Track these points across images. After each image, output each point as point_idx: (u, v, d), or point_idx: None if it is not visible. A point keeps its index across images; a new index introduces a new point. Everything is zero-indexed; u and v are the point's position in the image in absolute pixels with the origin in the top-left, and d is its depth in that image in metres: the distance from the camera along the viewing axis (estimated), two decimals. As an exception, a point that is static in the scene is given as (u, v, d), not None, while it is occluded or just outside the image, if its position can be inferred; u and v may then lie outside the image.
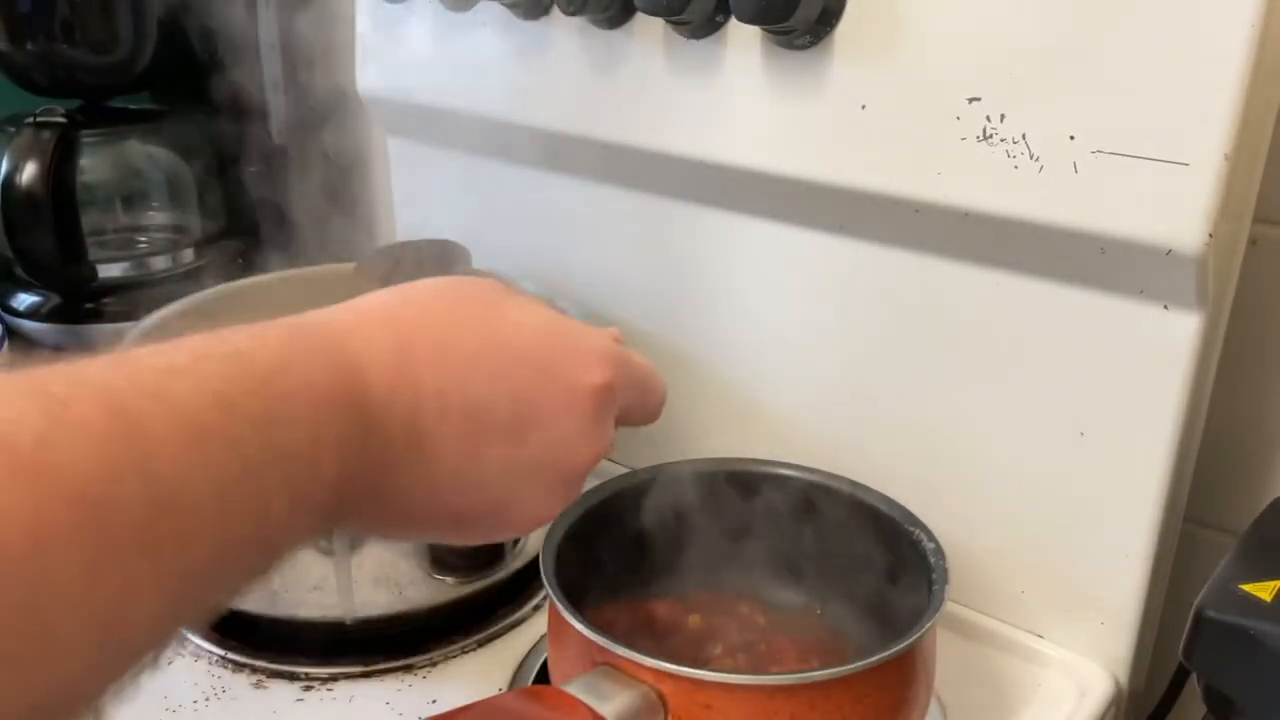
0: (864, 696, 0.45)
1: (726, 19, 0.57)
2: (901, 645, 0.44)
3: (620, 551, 0.53)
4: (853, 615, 0.55)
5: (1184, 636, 0.45)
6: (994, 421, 0.57)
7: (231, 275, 0.72)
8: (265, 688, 0.55)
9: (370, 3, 0.75)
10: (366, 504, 0.33)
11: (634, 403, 0.43)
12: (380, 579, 0.56)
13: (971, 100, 0.50)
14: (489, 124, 0.71)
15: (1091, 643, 0.57)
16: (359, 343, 0.34)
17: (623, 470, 0.56)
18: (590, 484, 0.56)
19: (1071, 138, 0.48)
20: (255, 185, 0.98)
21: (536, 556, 0.50)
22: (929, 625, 0.46)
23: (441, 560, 0.57)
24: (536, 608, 0.60)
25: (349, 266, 0.70)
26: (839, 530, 0.54)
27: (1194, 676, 0.47)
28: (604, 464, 0.73)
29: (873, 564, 0.54)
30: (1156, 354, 0.51)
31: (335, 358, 0.33)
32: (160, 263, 0.96)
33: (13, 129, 0.85)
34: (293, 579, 0.55)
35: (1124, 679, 0.57)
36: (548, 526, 0.52)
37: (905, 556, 0.52)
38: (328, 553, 0.55)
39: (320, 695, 0.55)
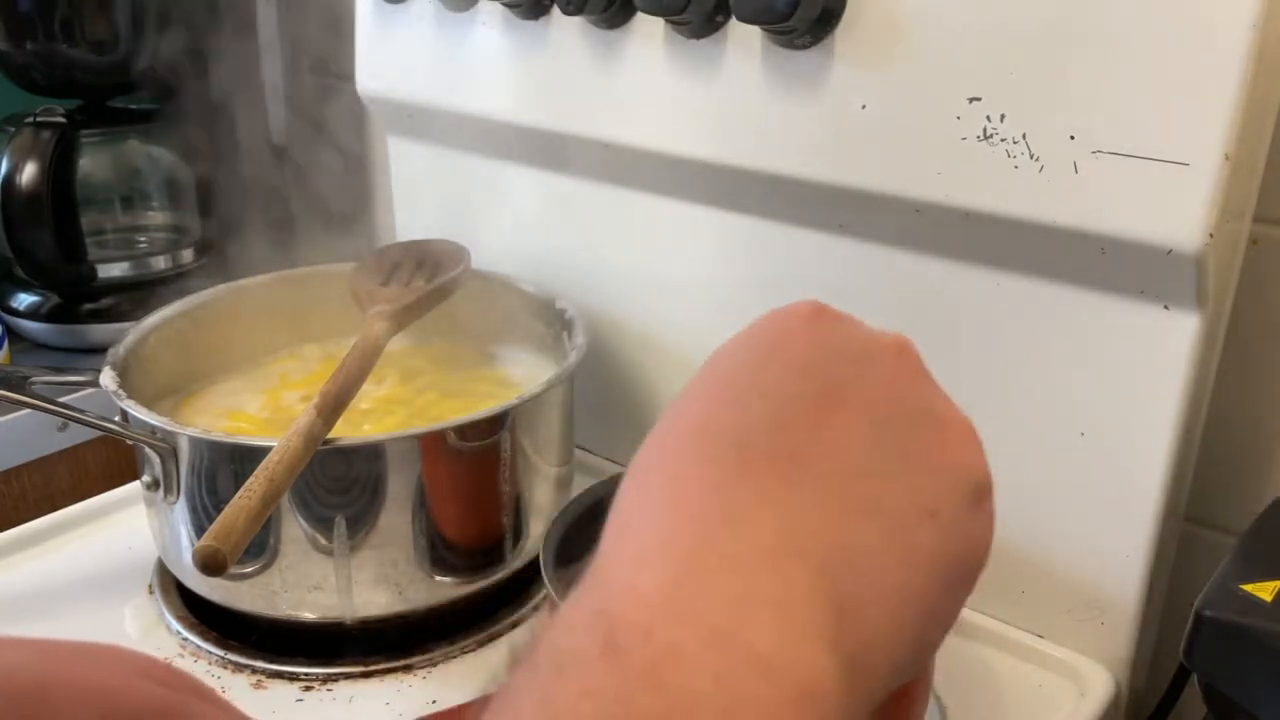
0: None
1: (726, 19, 0.57)
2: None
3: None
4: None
5: (1184, 636, 0.45)
6: (994, 421, 0.57)
7: (231, 275, 0.71)
8: (265, 688, 0.55)
9: (370, 3, 0.75)
10: None
11: None
12: (380, 579, 0.56)
13: (971, 100, 0.50)
14: (489, 124, 0.71)
15: (1091, 643, 0.57)
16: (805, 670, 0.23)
17: (620, 468, 0.56)
18: (589, 482, 0.56)
19: (1071, 138, 0.48)
20: (255, 185, 0.98)
21: (537, 556, 0.50)
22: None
23: (441, 560, 0.57)
24: (536, 608, 0.60)
25: (349, 266, 0.70)
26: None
27: (1194, 676, 0.47)
28: (602, 462, 0.73)
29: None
30: (1156, 354, 0.51)
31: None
32: (160, 263, 0.97)
33: (13, 129, 0.86)
34: (293, 579, 0.55)
35: (1124, 679, 0.57)
36: (548, 526, 0.52)
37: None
38: (328, 553, 0.55)
39: (320, 695, 0.55)
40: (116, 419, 0.57)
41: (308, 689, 0.55)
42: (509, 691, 0.22)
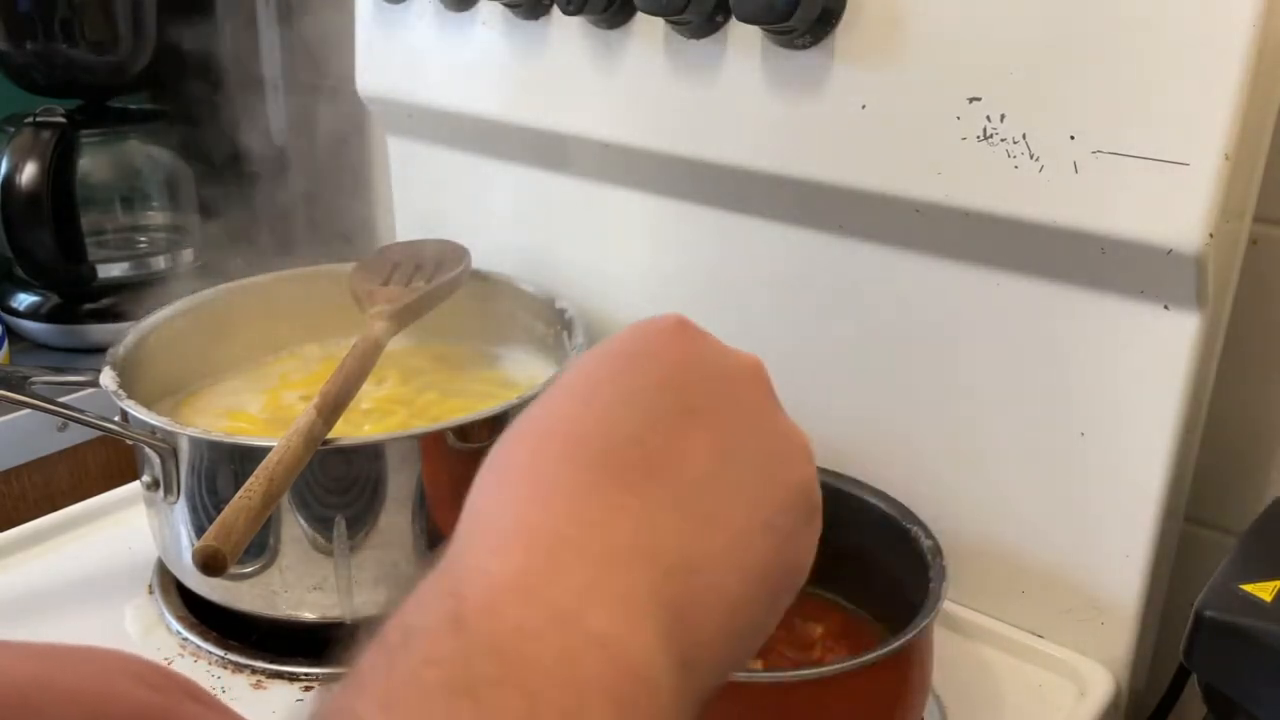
0: (860, 694, 0.45)
1: (726, 19, 0.57)
2: (898, 643, 0.44)
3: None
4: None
5: (1184, 636, 0.45)
6: (994, 421, 0.57)
7: (231, 275, 0.71)
8: (265, 688, 0.55)
9: (370, 3, 0.75)
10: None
11: None
12: (380, 579, 0.56)
13: (971, 100, 0.50)
14: (489, 124, 0.71)
15: (1091, 643, 0.57)
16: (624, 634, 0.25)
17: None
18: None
19: (1071, 138, 0.48)
20: (255, 185, 0.98)
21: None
22: (926, 623, 0.46)
23: (441, 560, 0.57)
24: (536, 608, 0.60)
25: (349, 266, 0.70)
26: (837, 527, 0.53)
27: (1194, 676, 0.47)
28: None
29: (871, 561, 0.54)
30: (1156, 354, 0.51)
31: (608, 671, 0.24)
32: (160, 263, 0.96)
33: (13, 129, 0.85)
34: (293, 579, 0.55)
35: (1124, 679, 0.57)
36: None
37: (903, 554, 0.52)
38: (328, 553, 0.55)
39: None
40: (116, 419, 0.57)
41: (308, 689, 0.55)
42: (358, 666, 0.23)
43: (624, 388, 0.31)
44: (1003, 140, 0.50)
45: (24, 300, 0.92)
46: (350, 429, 0.60)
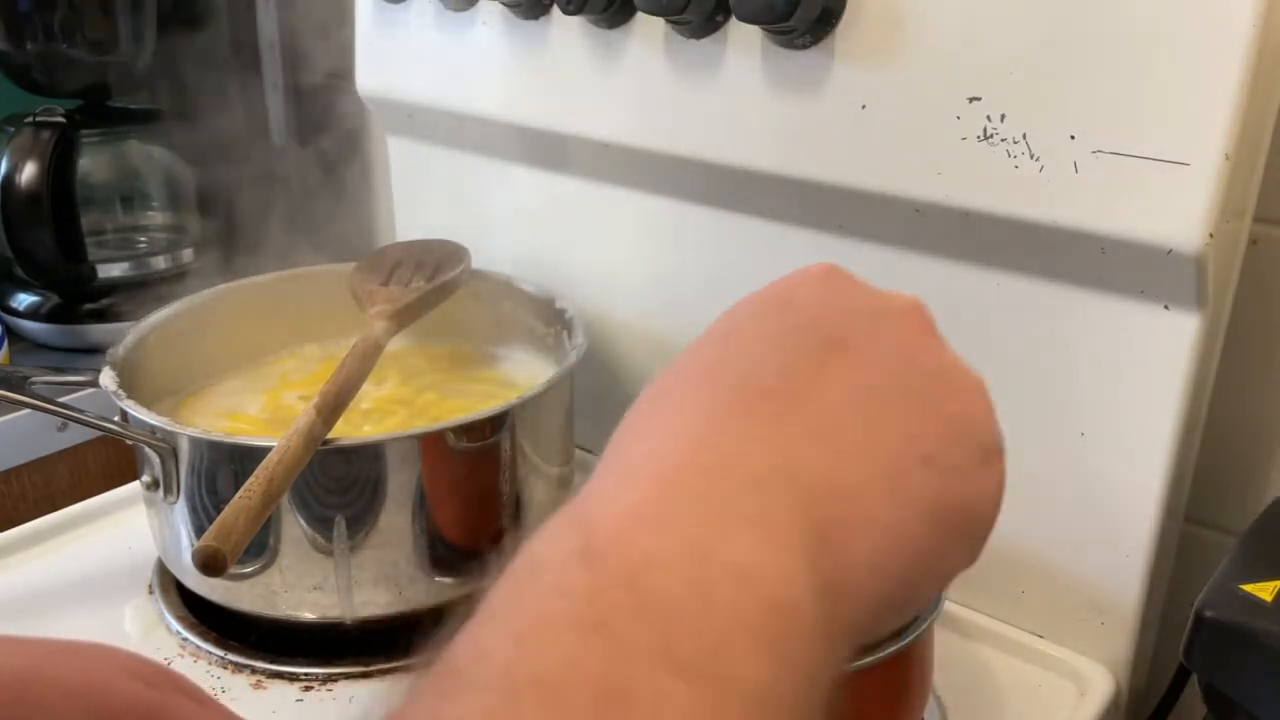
0: (860, 694, 0.44)
1: (726, 19, 0.57)
2: (899, 644, 0.44)
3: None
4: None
5: (1184, 636, 0.45)
6: (994, 421, 0.57)
7: (231, 275, 0.71)
8: (265, 688, 0.55)
9: (370, 3, 0.75)
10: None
11: None
12: (380, 579, 0.56)
13: (971, 100, 0.50)
14: (489, 124, 0.71)
15: (1091, 643, 0.57)
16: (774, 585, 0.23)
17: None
18: (587, 482, 0.56)
19: (1071, 138, 0.48)
20: (255, 185, 0.98)
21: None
22: (926, 624, 0.46)
23: (441, 560, 0.57)
24: (536, 608, 0.60)
25: (349, 266, 0.70)
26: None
27: (1194, 676, 0.47)
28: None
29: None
30: (1156, 354, 0.51)
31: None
32: (160, 263, 0.96)
33: (13, 129, 0.85)
34: (293, 579, 0.55)
35: (1124, 679, 0.57)
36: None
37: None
38: (328, 553, 0.55)
39: (320, 695, 0.55)
40: (116, 419, 0.57)
41: (308, 689, 0.55)
42: (487, 598, 0.22)
43: (764, 329, 0.30)
44: (1003, 140, 0.50)
45: (24, 300, 0.92)
46: (350, 429, 0.60)
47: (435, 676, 0.21)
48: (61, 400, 0.59)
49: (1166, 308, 0.50)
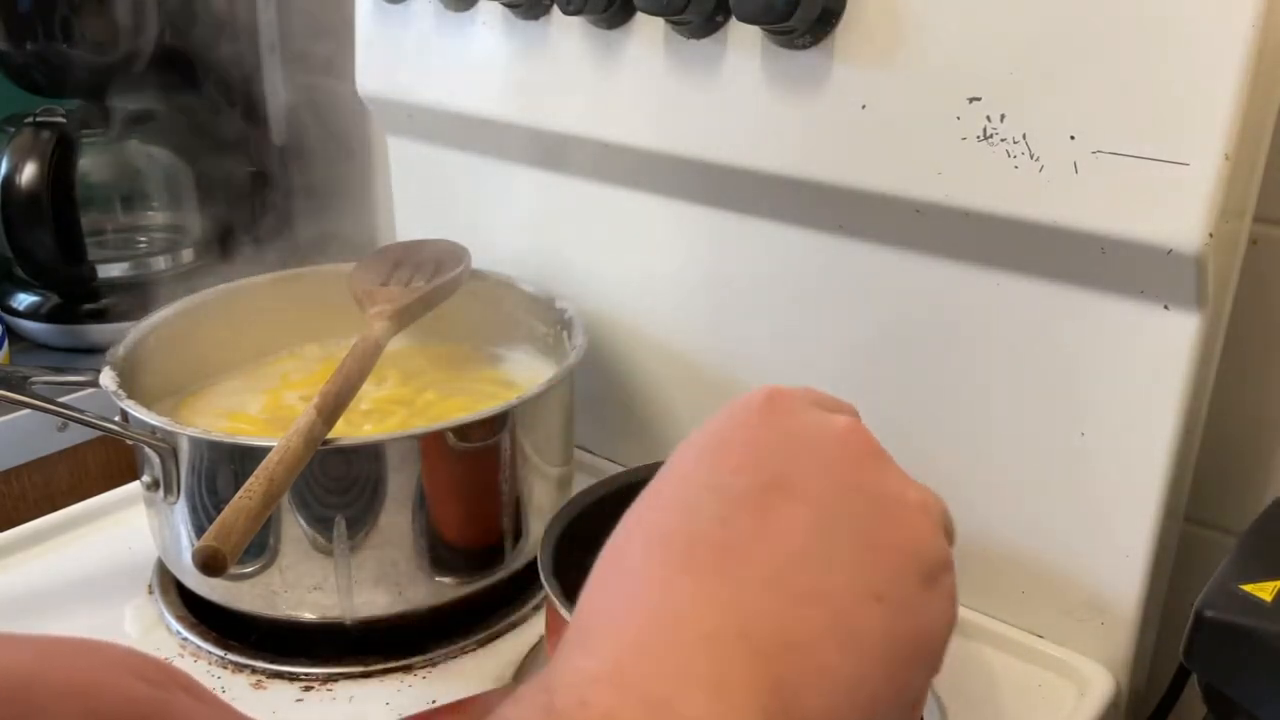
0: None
1: (726, 19, 0.57)
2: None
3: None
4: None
5: (1184, 636, 0.45)
6: (994, 421, 0.57)
7: (231, 275, 0.71)
8: (265, 688, 0.55)
9: (370, 3, 0.75)
10: None
11: None
12: (380, 579, 0.56)
13: (971, 100, 0.50)
14: (489, 124, 0.71)
15: (1091, 643, 0.57)
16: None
17: (620, 468, 0.56)
18: (589, 482, 0.56)
19: (1071, 138, 0.48)
20: (254, 185, 0.98)
21: (536, 557, 0.50)
22: None
23: (441, 560, 0.57)
24: (536, 608, 0.60)
25: (348, 266, 0.70)
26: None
27: (1194, 676, 0.47)
28: (602, 462, 0.73)
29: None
30: (1156, 354, 0.51)
31: None
32: (160, 263, 0.96)
33: (13, 129, 0.86)
34: (293, 579, 0.55)
35: (1124, 679, 0.57)
36: (546, 526, 0.52)
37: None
38: (328, 553, 0.55)
39: (320, 695, 0.55)
40: (116, 419, 0.57)
41: (308, 689, 0.55)
42: None
43: (709, 476, 0.30)
44: (1003, 140, 0.50)
45: (24, 300, 0.92)
46: (350, 429, 0.60)
47: None
48: (61, 400, 0.59)
49: (1166, 308, 0.50)
